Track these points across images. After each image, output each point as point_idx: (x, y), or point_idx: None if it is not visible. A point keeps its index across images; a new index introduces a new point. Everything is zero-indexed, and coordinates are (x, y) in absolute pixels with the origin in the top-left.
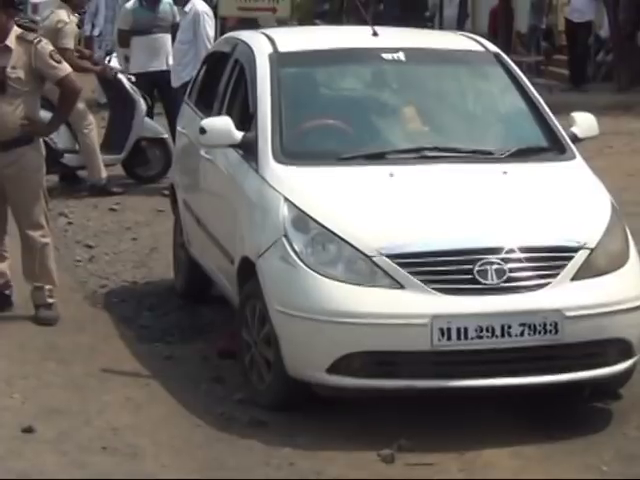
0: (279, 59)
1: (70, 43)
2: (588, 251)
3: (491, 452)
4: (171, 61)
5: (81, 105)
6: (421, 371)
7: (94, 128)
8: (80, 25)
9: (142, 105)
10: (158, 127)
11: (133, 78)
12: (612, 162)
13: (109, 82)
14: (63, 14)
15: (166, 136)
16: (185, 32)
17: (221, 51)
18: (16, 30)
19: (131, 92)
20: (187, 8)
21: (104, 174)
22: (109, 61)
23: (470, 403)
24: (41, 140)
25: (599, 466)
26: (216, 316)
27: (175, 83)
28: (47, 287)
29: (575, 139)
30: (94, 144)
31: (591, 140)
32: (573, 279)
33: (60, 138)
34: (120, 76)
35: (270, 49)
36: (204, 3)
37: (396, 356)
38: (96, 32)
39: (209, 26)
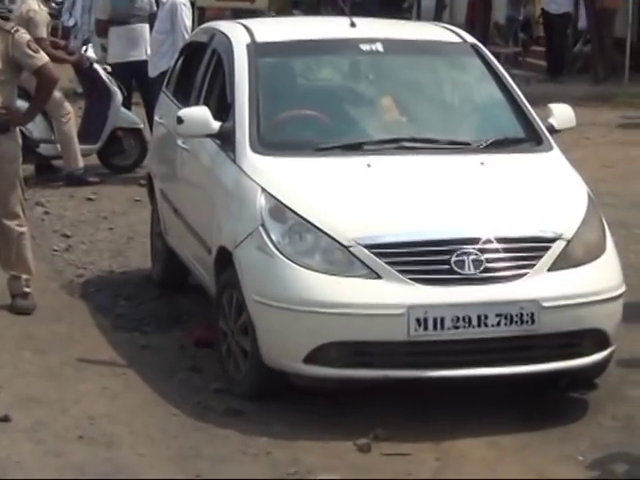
0: (257, 49)
1: (43, 32)
2: (565, 242)
3: (467, 442)
4: (150, 51)
5: (58, 94)
6: (397, 361)
7: (72, 117)
8: (56, 15)
9: (118, 95)
10: (134, 117)
11: (109, 68)
12: (589, 153)
13: (85, 72)
14: (33, 3)
15: (142, 126)
16: (162, 22)
17: (199, 41)
18: None
19: (107, 82)
20: None
21: (81, 163)
22: (85, 51)
23: (446, 393)
24: (17, 129)
25: (575, 456)
26: (193, 305)
27: (152, 73)
28: (24, 276)
29: (552, 130)
30: (72, 133)
31: (568, 131)
32: (550, 270)
33: (36, 127)
34: (96, 66)
35: (248, 39)
36: None
37: (373, 346)
38: (71, 22)
39: (186, 16)
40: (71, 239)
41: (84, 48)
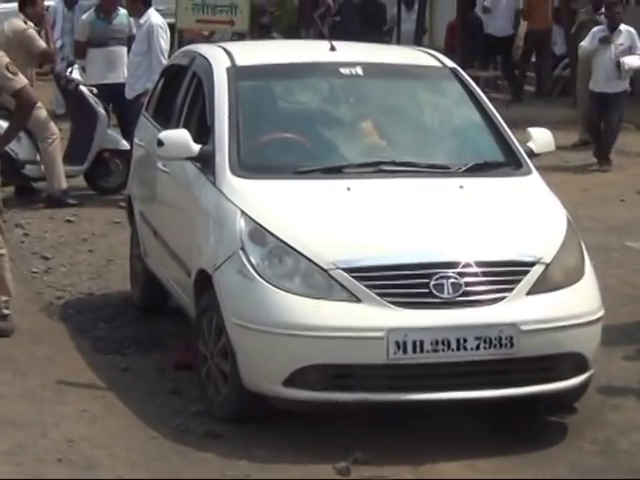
0: (237, 73)
1: (42, 43)
2: (544, 266)
3: (446, 465)
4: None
5: (43, 115)
6: (377, 384)
7: (58, 138)
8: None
9: (104, 116)
10: (120, 138)
11: (95, 90)
12: (568, 177)
13: (71, 94)
14: (19, 22)
15: (128, 147)
16: (139, 44)
17: (179, 64)
18: None
19: (93, 104)
20: (142, 20)
21: (64, 185)
22: (70, 72)
23: (425, 416)
24: None
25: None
26: (173, 328)
27: (129, 95)
28: (3, 298)
29: (531, 154)
30: (56, 154)
31: (547, 155)
32: (529, 293)
33: (22, 149)
34: (82, 88)
35: (228, 63)
36: (159, 16)
37: (352, 369)
38: (59, 44)
39: (163, 39)
40: (51, 261)
41: (69, 70)
